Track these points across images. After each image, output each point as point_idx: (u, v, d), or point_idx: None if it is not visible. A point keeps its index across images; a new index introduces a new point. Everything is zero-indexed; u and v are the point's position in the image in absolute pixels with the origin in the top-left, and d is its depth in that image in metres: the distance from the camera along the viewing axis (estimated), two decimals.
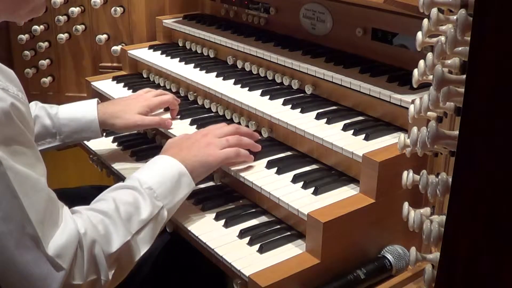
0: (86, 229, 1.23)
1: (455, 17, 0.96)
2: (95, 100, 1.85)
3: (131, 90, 2.16)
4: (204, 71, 2.05)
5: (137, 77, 2.29)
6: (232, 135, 1.60)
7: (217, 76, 2.00)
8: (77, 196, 1.60)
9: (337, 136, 1.55)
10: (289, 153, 1.67)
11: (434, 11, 1.06)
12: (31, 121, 1.23)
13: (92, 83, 2.25)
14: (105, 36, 2.46)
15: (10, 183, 1.12)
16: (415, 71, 1.16)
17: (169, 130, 1.83)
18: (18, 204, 1.13)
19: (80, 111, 1.81)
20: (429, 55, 1.09)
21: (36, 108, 1.80)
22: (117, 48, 2.42)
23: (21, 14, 1.34)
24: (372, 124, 1.60)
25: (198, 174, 1.51)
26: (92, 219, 1.27)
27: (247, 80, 1.93)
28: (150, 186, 1.40)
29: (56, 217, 1.21)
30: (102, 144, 1.98)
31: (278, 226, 1.50)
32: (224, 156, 1.54)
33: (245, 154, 1.59)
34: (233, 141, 1.58)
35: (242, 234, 1.46)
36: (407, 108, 1.27)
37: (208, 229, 1.50)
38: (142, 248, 1.35)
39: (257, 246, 1.42)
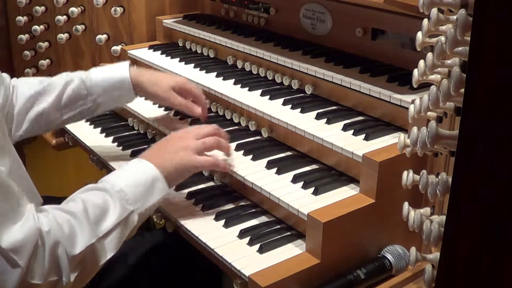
0: (50, 228, 1.21)
1: (455, 17, 0.96)
2: (127, 62, 1.84)
3: None
4: (204, 71, 2.05)
5: None
6: (210, 136, 1.57)
7: (217, 76, 2.00)
8: None
9: (337, 136, 1.55)
10: (289, 153, 1.67)
11: (434, 11, 1.06)
12: None
13: None
14: (105, 36, 2.46)
15: None
16: (415, 71, 1.16)
17: (170, 131, 1.83)
18: None
19: (112, 70, 1.81)
20: (429, 55, 1.09)
21: (67, 76, 1.80)
22: (117, 48, 2.42)
23: None
24: (372, 124, 1.60)
25: (174, 178, 1.48)
26: (58, 218, 1.25)
27: (247, 80, 1.93)
28: (122, 189, 1.37)
29: (15, 211, 1.17)
30: (102, 144, 1.98)
31: (278, 226, 1.50)
32: (200, 163, 1.52)
33: (221, 165, 1.56)
34: (210, 143, 1.55)
35: (242, 234, 1.46)
36: (407, 108, 1.27)
37: (208, 229, 1.50)
38: (109, 252, 1.32)
39: (257, 246, 1.42)
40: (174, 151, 1.50)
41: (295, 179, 1.52)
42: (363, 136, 1.53)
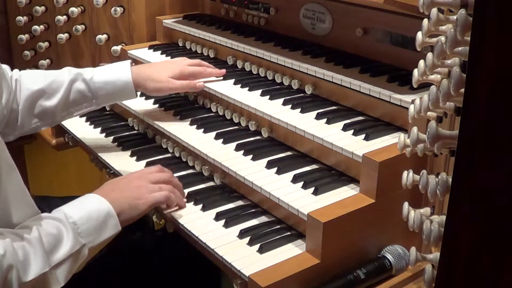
0: (5, 251, 1.20)
1: (455, 17, 0.96)
2: (128, 62, 1.86)
3: None
4: None
5: None
6: (166, 183, 1.57)
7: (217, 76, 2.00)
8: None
9: (337, 136, 1.55)
10: (289, 153, 1.67)
11: (434, 11, 1.06)
12: None
13: None
14: (105, 36, 2.46)
15: None
16: (415, 71, 1.16)
17: (170, 131, 1.83)
18: None
19: (114, 73, 1.82)
20: (429, 55, 1.09)
21: (70, 73, 1.80)
22: (117, 48, 2.42)
23: None
24: (372, 124, 1.60)
25: (127, 217, 1.46)
26: (14, 243, 1.23)
27: (247, 80, 1.93)
28: (75, 221, 1.35)
29: None
30: (102, 144, 1.98)
31: (278, 226, 1.50)
32: (154, 200, 1.51)
33: (174, 200, 1.56)
34: (166, 189, 1.55)
35: (242, 234, 1.46)
36: (407, 108, 1.27)
37: (208, 229, 1.50)
38: (58, 283, 1.30)
39: (257, 246, 1.42)
40: (129, 190, 1.50)
41: (295, 179, 1.52)
42: (363, 136, 1.53)
